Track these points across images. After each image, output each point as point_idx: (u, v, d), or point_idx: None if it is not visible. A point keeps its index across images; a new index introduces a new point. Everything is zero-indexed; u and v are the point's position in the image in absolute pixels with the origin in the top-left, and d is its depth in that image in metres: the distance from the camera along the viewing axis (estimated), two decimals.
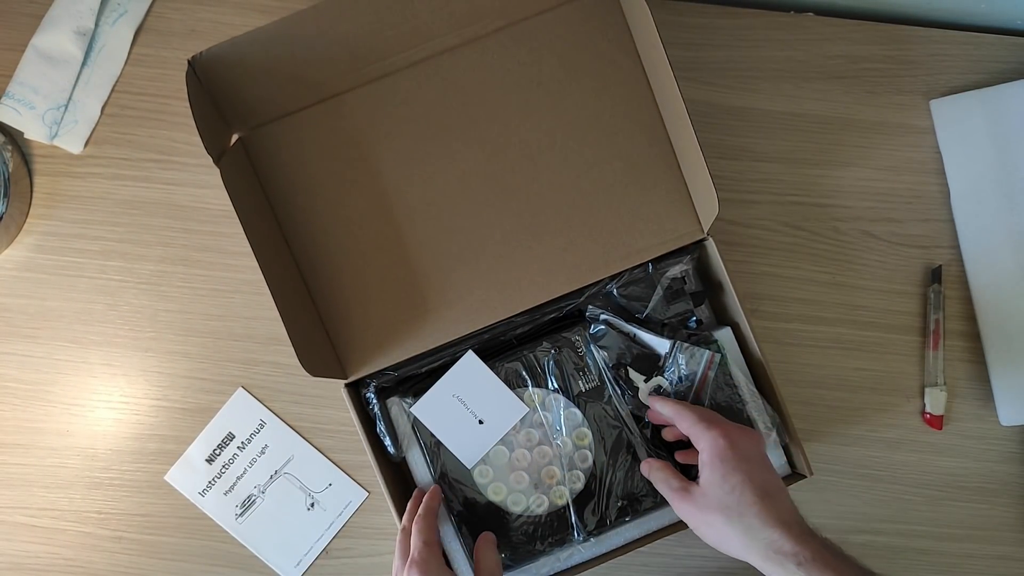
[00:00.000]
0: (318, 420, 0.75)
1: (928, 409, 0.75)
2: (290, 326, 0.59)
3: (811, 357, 0.76)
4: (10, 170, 0.71)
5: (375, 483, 0.75)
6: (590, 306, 0.68)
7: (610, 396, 0.67)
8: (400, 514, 0.65)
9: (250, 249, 0.57)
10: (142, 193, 0.75)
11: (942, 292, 0.75)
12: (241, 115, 0.66)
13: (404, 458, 0.68)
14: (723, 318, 0.70)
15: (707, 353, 0.65)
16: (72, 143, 0.75)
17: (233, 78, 0.63)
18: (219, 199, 0.75)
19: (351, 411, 0.65)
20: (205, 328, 0.75)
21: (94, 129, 0.75)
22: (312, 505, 0.75)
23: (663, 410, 0.63)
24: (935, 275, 0.76)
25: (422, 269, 0.68)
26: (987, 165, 0.76)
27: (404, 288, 0.68)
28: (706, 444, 0.57)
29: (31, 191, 0.75)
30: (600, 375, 0.67)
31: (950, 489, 0.76)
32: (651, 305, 0.67)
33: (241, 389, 0.75)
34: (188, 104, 0.57)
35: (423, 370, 0.68)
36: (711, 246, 0.66)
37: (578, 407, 0.67)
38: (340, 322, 0.68)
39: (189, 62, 0.60)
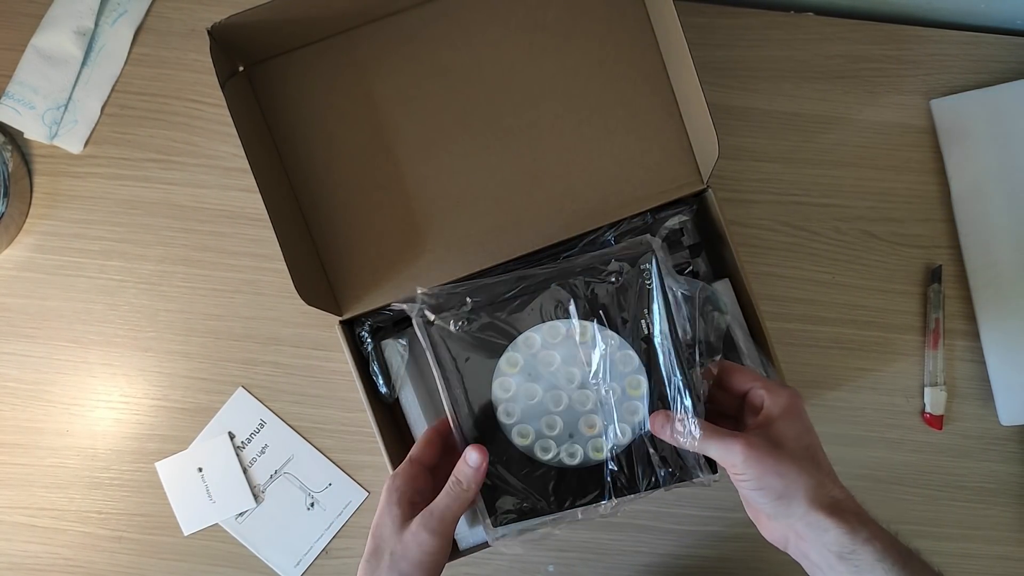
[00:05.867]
0: (318, 420, 0.75)
1: (928, 409, 0.75)
2: (287, 253, 0.59)
3: (811, 357, 0.76)
4: (10, 170, 0.71)
5: (375, 483, 0.75)
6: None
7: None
8: (391, 458, 0.64)
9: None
10: (142, 193, 0.75)
11: (942, 292, 0.75)
12: (246, 48, 0.65)
13: (396, 399, 0.67)
14: (720, 271, 0.70)
15: (699, 284, 0.58)
16: (72, 143, 0.75)
17: (240, 14, 0.60)
18: (219, 199, 0.75)
19: (345, 350, 0.65)
20: (205, 328, 0.75)
21: (94, 129, 0.75)
22: (312, 505, 0.75)
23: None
24: (935, 275, 0.76)
25: (421, 209, 0.68)
26: (987, 165, 0.76)
27: (402, 228, 0.68)
28: (784, 400, 0.54)
29: (31, 191, 0.75)
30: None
31: (950, 489, 0.76)
32: None
33: (241, 389, 0.75)
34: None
35: None
36: (710, 197, 0.66)
37: (635, 350, 0.57)
38: (337, 259, 0.67)
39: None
